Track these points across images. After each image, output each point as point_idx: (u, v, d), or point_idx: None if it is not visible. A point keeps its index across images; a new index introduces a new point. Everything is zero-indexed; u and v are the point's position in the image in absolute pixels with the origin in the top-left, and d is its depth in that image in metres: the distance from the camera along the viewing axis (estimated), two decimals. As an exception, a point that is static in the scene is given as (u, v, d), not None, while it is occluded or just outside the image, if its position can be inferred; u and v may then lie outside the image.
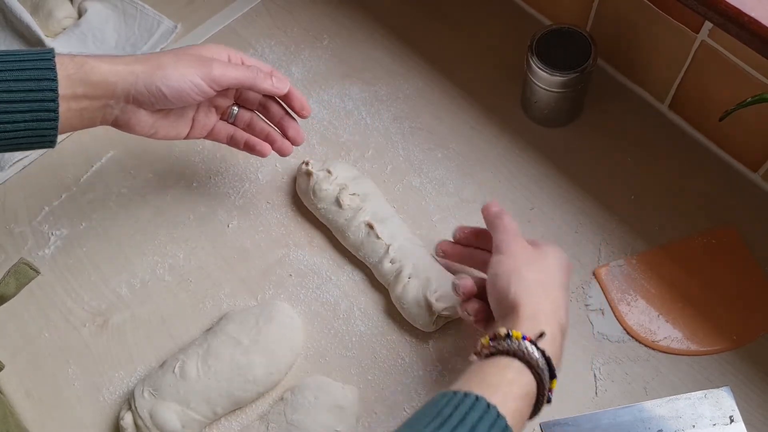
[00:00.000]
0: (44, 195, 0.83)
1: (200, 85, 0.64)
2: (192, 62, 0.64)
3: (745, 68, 0.69)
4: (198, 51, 0.66)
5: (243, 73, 0.66)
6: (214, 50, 0.67)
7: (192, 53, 0.65)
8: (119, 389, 0.72)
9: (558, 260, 0.61)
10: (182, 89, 0.63)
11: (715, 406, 0.61)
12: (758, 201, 0.76)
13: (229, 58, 0.68)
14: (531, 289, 0.57)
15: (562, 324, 0.57)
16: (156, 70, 0.62)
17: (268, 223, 0.80)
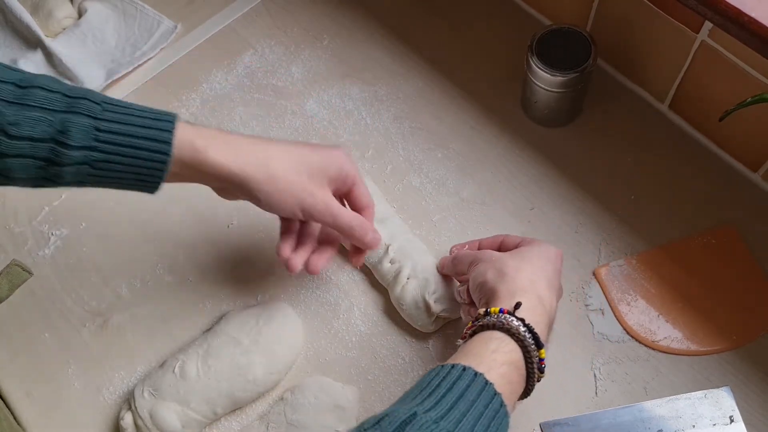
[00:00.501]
0: (44, 195, 0.83)
1: (297, 215, 0.63)
2: (299, 192, 0.62)
3: (745, 68, 0.69)
4: (321, 166, 0.63)
5: (340, 224, 0.64)
6: (336, 166, 0.64)
7: (310, 174, 0.62)
8: (119, 389, 0.72)
9: (540, 251, 0.64)
10: (279, 211, 0.63)
11: (715, 406, 0.61)
12: (758, 201, 0.76)
13: (346, 177, 0.65)
14: (509, 275, 0.60)
15: (541, 295, 0.59)
16: (264, 185, 0.60)
17: (268, 223, 0.79)
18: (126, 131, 0.56)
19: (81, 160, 0.56)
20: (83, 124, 0.55)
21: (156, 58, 0.92)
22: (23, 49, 0.92)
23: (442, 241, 0.77)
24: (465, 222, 0.78)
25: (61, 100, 0.55)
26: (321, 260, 0.66)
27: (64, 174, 0.56)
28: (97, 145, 0.56)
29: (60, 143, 0.54)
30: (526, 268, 0.61)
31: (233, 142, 0.60)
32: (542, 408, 0.67)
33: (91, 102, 0.56)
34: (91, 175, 0.57)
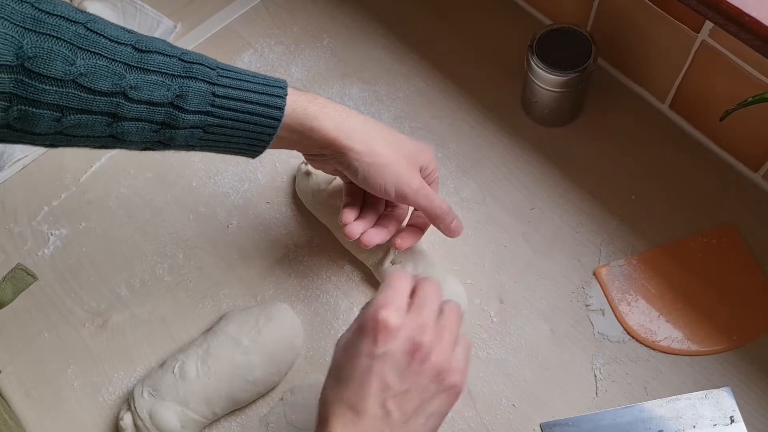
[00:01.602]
0: (44, 195, 0.83)
1: (390, 194, 0.64)
2: (399, 170, 0.63)
3: (746, 68, 0.69)
4: (415, 152, 0.66)
5: (433, 207, 0.66)
6: (427, 157, 0.67)
7: (407, 156, 0.65)
8: (119, 389, 0.71)
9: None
10: (373, 187, 0.64)
11: (715, 407, 0.61)
12: (758, 201, 0.76)
13: (431, 172, 0.68)
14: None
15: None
16: (368, 157, 0.62)
17: (268, 223, 0.79)
18: (240, 96, 0.58)
19: (196, 124, 0.57)
20: (200, 89, 0.56)
21: (156, 58, 0.92)
22: (23, 48, 0.91)
23: (442, 241, 0.76)
24: (465, 222, 0.77)
25: (178, 65, 0.56)
26: (377, 237, 0.68)
27: (177, 137, 0.57)
28: (212, 110, 0.57)
29: (177, 107, 0.55)
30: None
31: (344, 112, 0.62)
32: (543, 408, 0.67)
33: (206, 67, 0.57)
34: (202, 139, 0.58)
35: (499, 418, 0.67)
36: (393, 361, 0.50)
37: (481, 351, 0.70)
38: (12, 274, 0.69)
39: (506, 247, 0.76)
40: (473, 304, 0.73)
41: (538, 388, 0.68)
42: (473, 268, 0.75)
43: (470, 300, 0.73)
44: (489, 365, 0.70)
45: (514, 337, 0.71)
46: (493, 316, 0.72)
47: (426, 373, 0.51)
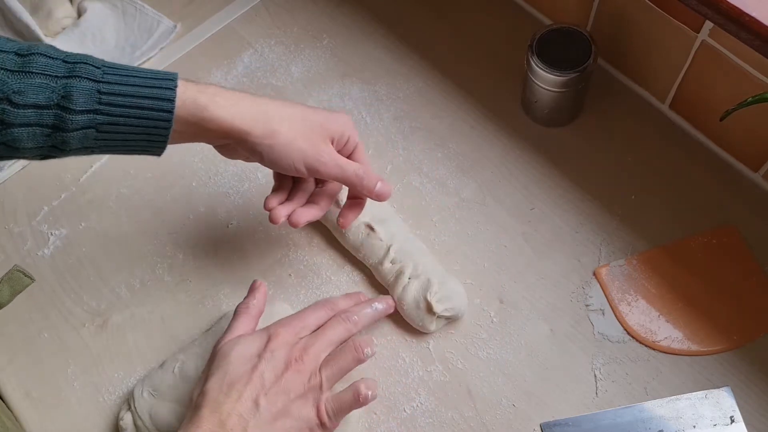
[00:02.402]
0: (44, 195, 0.83)
1: (301, 171, 0.63)
2: (303, 145, 0.62)
3: (746, 68, 0.69)
4: (322, 123, 0.64)
5: (348, 175, 0.65)
6: (337, 125, 0.65)
7: (312, 129, 0.63)
8: (119, 389, 0.71)
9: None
10: (282, 167, 0.63)
11: (715, 407, 0.61)
12: (758, 201, 0.76)
13: (348, 140, 0.66)
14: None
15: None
16: (267, 139, 0.61)
17: (268, 223, 0.79)
18: (128, 92, 0.57)
19: (86, 125, 0.56)
20: (85, 87, 0.55)
21: (155, 58, 0.92)
22: (22, 48, 0.91)
23: (442, 241, 0.77)
24: (465, 222, 0.78)
25: (62, 66, 0.55)
26: (305, 215, 0.66)
27: (71, 140, 0.56)
28: (101, 108, 0.56)
29: (64, 108, 0.55)
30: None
31: (235, 97, 0.61)
32: (543, 408, 0.67)
33: (91, 66, 0.56)
34: (98, 140, 0.57)
35: (499, 418, 0.67)
36: (274, 362, 0.59)
37: (481, 351, 0.70)
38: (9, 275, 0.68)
39: (506, 247, 0.76)
40: (473, 304, 0.73)
41: (538, 388, 0.68)
42: (473, 268, 0.75)
43: (470, 300, 0.73)
44: (489, 365, 0.70)
45: (514, 337, 0.71)
46: (493, 316, 0.72)
47: (297, 379, 0.59)
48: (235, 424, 0.56)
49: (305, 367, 0.60)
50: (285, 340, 0.61)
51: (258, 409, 0.57)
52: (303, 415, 0.59)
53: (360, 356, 0.63)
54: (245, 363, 0.59)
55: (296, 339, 0.62)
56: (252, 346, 0.60)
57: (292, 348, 0.61)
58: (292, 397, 0.59)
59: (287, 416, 0.58)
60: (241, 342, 0.61)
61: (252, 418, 0.56)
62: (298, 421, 0.58)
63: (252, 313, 0.65)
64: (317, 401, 0.60)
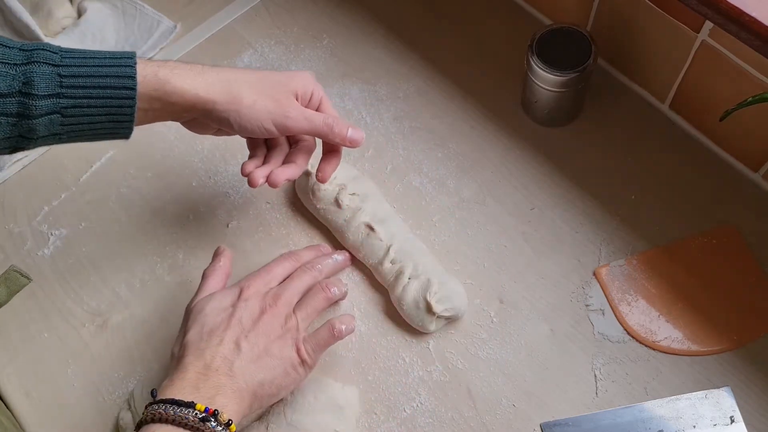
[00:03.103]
0: (44, 195, 0.83)
1: (271, 130, 0.64)
2: (269, 105, 0.63)
3: (746, 68, 0.69)
4: (283, 81, 0.65)
5: (317, 125, 0.66)
6: (300, 82, 0.66)
7: (274, 88, 0.64)
8: (119, 389, 0.71)
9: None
10: (252, 130, 0.64)
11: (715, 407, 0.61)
12: (758, 201, 0.76)
13: (312, 95, 0.67)
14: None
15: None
16: (232, 105, 0.62)
17: (268, 223, 0.79)
18: (89, 72, 0.57)
19: (51, 109, 0.56)
20: (46, 72, 0.56)
21: (155, 58, 0.92)
22: (22, 48, 0.91)
23: (442, 241, 0.77)
24: (465, 222, 0.78)
25: (19, 54, 0.56)
26: (284, 173, 0.67)
27: (37, 127, 0.56)
28: (63, 92, 0.56)
29: (27, 95, 0.55)
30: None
31: (195, 69, 0.62)
32: (543, 408, 0.67)
33: (48, 51, 0.57)
34: (64, 125, 0.58)
35: (499, 418, 0.67)
36: (250, 309, 0.62)
37: (481, 351, 0.70)
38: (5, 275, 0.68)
39: (506, 247, 0.76)
40: (473, 304, 0.73)
41: (538, 388, 0.69)
42: (473, 268, 0.75)
43: (470, 300, 0.73)
44: (489, 365, 0.70)
45: (514, 337, 0.71)
46: (493, 316, 0.72)
47: (273, 321, 0.62)
48: (220, 365, 0.58)
49: (279, 311, 0.63)
50: (256, 290, 0.64)
51: (240, 350, 0.59)
52: (284, 354, 0.61)
53: (329, 294, 0.67)
54: (221, 313, 0.62)
55: (267, 288, 0.65)
56: (225, 299, 0.63)
57: (264, 296, 0.64)
58: (271, 338, 0.61)
59: (269, 355, 0.61)
60: (214, 297, 0.64)
61: (236, 358, 0.59)
62: (281, 360, 0.61)
63: (219, 273, 0.67)
64: (296, 340, 0.63)
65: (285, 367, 0.61)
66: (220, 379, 0.57)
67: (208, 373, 0.57)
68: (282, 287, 0.66)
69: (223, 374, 0.57)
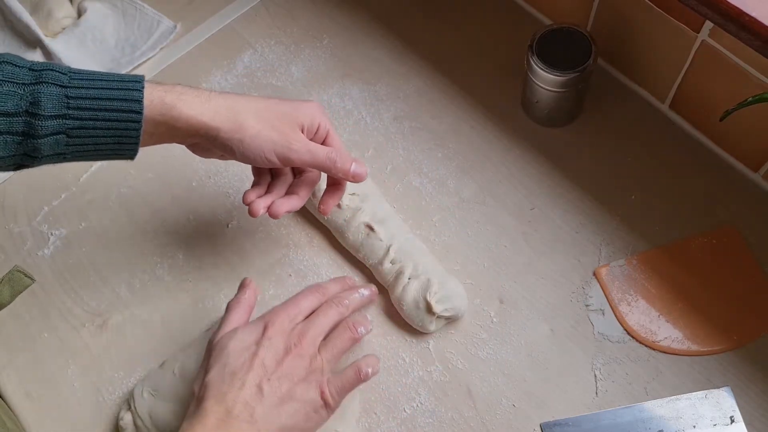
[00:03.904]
0: (44, 195, 0.83)
1: (273, 161, 0.64)
2: (273, 135, 0.63)
3: (746, 68, 0.69)
4: (290, 112, 0.64)
5: (320, 159, 0.65)
6: (307, 113, 0.65)
7: (280, 119, 0.63)
8: (119, 389, 0.71)
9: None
10: (254, 159, 0.64)
11: (715, 407, 0.61)
12: (758, 201, 0.76)
13: (318, 127, 0.66)
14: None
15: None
16: (236, 133, 0.62)
17: (268, 223, 0.79)
18: (96, 95, 0.57)
19: (56, 130, 0.56)
20: (53, 93, 0.56)
21: (155, 58, 0.92)
22: (23, 49, 0.91)
23: (442, 241, 0.77)
24: (465, 222, 0.78)
25: (28, 74, 0.56)
26: (285, 205, 0.66)
27: (42, 147, 0.57)
28: (70, 113, 0.56)
29: (33, 115, 0.55)
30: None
31: (202, 95, 0.61)
32: (543, 408, 0.67)
33: (57, 72, 0.57)
34: (69, 145, 0.58)
35: (499, 418, 0.67)
36: (274, 349, 0.59)
37: (481, 351, 0.70)
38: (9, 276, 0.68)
39: (506, 247, 0.76)
40: (473, 304, 0.73)
41: (538, 388, 0.69)
42: (473, 268, 0.75)
43: (470, 300, 0.73)
44: (489, 365, 0.70)
45: (514, 337, 0.71)
46: (493, 316, 0.72)
47: (297, 363, 0.60)
48: (241, 411, 0.56)
49: (304, 351, 0.60)
50: (281, 327, 0.61)
51: (262, 395, 0.57)
52: (307, 397, 0.59)
53: (355, 335, 0.64)
54: (244, 352, 0.59)
55: (292, 325, 0.62)
56: (249, 336, 0.61)
57: (290, 334, 0.61)
58: (295, 381, 0.59)
59: (292, 400, 0.58)
60: (237, 333, 0.61)
61: (258, 404, 0.57)
62: (303, 403, 0.59)
63: (243, 307, 0.65)
64: (320, 383, 0.60)
65: (307, 411, 0.59)
66: (241, 426, 0.55)
67: (228, 420, 0.55)
68: (308, 324, 0.63)
69: (244, 421, 0.55)
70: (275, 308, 0.64)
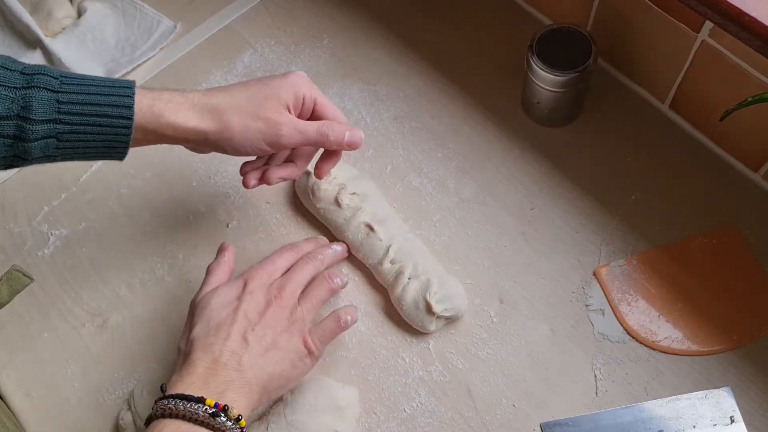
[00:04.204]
0: (44, 195, 0.83)
1: (265, 150, 0.65)
2: (260, 126, 0.63)
3: (746, 68, 0.69)
4: (272, 95, 0.64)
5: (311, 137, 0.65)
6: (290, 90, 0.65)
7: (264, 106, 0.63)
8: (119, 389, 0.71)
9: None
10: (246, 152, 0.65)
11: (715, 407, 0.61)
12: (758, 201, 0.76)
13: (304, 100, 0.66)
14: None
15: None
16: (224, 133, 0.63)
17: (268, 223, 0.79)
18: (87, 100, 0.58)
19: (47, 134, 0.57)
20: (44, 97, 0.56)
21: (155, 58, 0.92)
22: (22, 49, 0.91)
23: (442, 241, 0.77)
24: (465, 222, 0.78)
25: (20, 78, 0.56)
26: (279, 172, 0.68)
27: (32, 150, 0.57)
28: (61, 117, 0.57)
29: (24, 119, 0.56)
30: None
31: (188, 101, 0.62)
32: (543, 408, 0.67)
33: (49, 77, 0.57)
34: (59, 149, 0.59)
35: (499, 418, 0.67)
36: (255, 302, 0.62)
37: (481, 351, 0.70)
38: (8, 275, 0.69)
39: (506, 247, 0.76)
40: (473, 304, 0.73)
41: (538, 388, 0.69)
42: (473, 268, 0.75)
43: (470, 300, 0.73)
44: (489, 365, 0.70)
45: (514, 337, 0.71)
46: (493, 316, 0.72)
47: (279, 314, 0.62)
48: (228, 359, 0.58)
49: (285, 302, 0.64)
50: (261, 282, 0.65)
51: (248, 344, 0.60)
52: (291, 346, 0.62)
53: (332, 285, 0.68)
54: (227, 306, 0.62)
55: (270, 280, 0.66)
56: (230, 291, 0.64)
57: (269, 288, 0.64)
58: (278, 331, 0.62)
59: (276, 348, 0.61)
60: (218, 290, 0.64)
61: (244, 352, 0.59)
62: (288, 352, 0.62)
63: (223, 268, 0.67)
64: (302, 332, 0.63)
65: (292, 358, 0.62)
66: (229, 374, 0.57)
67: (216, 368, 0.57)
68: (285, 278, 0.66)
69: (232, 369, 0.58)
70: (253, 267, 0.67)
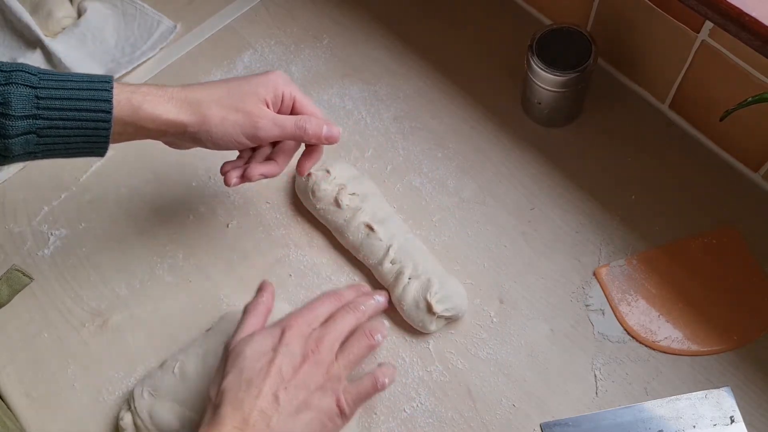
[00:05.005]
0: (44, 195, 0.83)
1: (243, 143, 0.65)
2: (238, 118, 0.64)
3: (746, 68, 0.69)
4: (251, 91, 0.65)
5: (288, 130, 0.66)
6: (269, 87, 0.65)
7: (242, 100, 0.64)
8: (119, 389, 0.71)
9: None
10: (225, 145, 0.65)
11: (715, 407, 0.61)
12: (758, 201, 0.76)
13: (282, 98, 0.66)
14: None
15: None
16: (202, 125, 0.63)
17: (268, 223, 0.79)
18: (66, 95, 0.58)
19: (26, 130, 0.57)
20: (23, 94, 0.57)
21: (155, 58, 0.92)
22: (23, 49, 0.91)
23: (442, 241, 0.77)
24: (465, 222, 0.78)
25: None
26: (259, 168, 0.68)
27: (13, 146, 0.58)
28: (40, 113, 0.58)
29: (3, 115, 0.56)
30: None
31: (166, 94, 0.63)
32: (543, 408, 0.67)
33: (27, 73, 0.58)
34: (39, 144, 0.59)
35: (499, 418, 0.67)
36: (291, 356, 0.58)
37: (481, 351, 0.70)
38: (7, 275, 0.69)
39: (506, 247, 0.76)
40: (473, 304, 0.73)
41: (538, 388, 0.68)
42: (473, 268, 0.75)
43: (470, 300, 0.73)
44: (489, 365, 0.70)
45: (514, 337, 0.71)
46: (493, 316, 0.72)
47: (315, 371, 0.59)
48: (257, 420, 0.55)
49: (322, 357, 0.60)
50: (299, 332, 0.60)
51: (279, 404, 0.56)
52: (323, 406, 0.58)
53: (372, 342, 0.63)
54: (261, 358, 0.58)
55: (309, 330, 0.61)
56: (266, 341, 0.60)
57: (307, 340, 0.60)
58: (312, 389, 0.58)
59: (308, 409, 0.58)
60: (254, 338, 0.60)
61: (274, 412, 0.56)
62: (319, 412, 0.58)
63: (261, 310, 0.64)
64: (336, 392, 0.59)
65: (322, 419, 0.59)
66: None
67: (245, 429, 0.55)
68: (325, 329, 0.62)
69: (260, 430, 0.55)
70: (292, 314, 0.63)
